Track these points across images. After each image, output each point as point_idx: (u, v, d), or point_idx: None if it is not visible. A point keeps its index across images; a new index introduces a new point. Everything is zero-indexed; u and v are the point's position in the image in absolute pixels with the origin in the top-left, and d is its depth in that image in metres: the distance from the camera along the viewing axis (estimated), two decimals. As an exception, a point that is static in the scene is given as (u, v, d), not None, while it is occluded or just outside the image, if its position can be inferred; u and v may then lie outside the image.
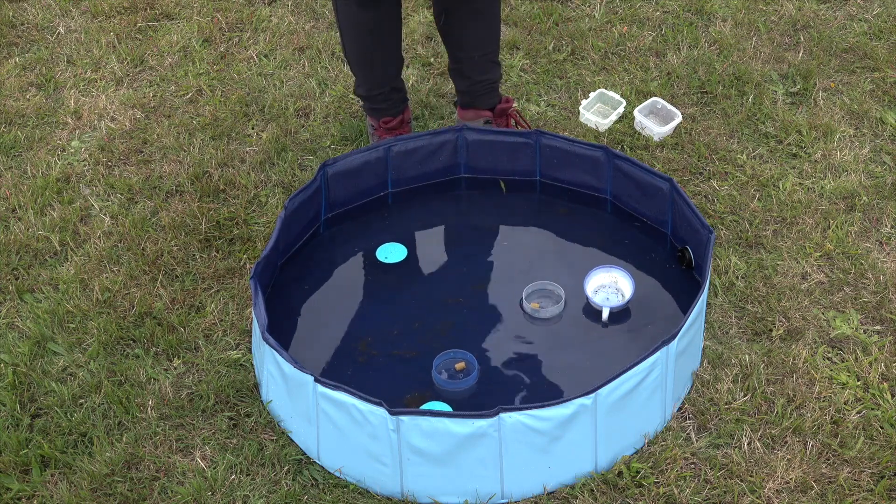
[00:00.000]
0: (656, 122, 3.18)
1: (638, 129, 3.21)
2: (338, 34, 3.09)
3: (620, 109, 3.29)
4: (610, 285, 2.75)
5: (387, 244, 2.96)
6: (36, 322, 2.81)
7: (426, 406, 2.55)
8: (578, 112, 3.32)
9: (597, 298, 2.74)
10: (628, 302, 2.72)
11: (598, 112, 3.23)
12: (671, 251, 2.91)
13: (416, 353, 2.71)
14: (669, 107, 3.27)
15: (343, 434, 2.42)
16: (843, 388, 2.60)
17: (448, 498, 2.40)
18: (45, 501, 2.45)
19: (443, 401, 2.57)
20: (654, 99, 3.30)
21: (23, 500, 2.46)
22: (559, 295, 2.73)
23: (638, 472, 2.44)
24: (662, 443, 2.49)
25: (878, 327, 2.75)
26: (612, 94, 3.33)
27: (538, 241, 2.98)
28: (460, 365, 2.59)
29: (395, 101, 3.16)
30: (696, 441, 2.50)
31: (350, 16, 2.97)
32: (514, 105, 3.26)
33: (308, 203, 2.94)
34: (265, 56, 3.71)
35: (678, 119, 3.22)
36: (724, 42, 3.66)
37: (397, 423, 2.33)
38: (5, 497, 2.45)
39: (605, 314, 2.72)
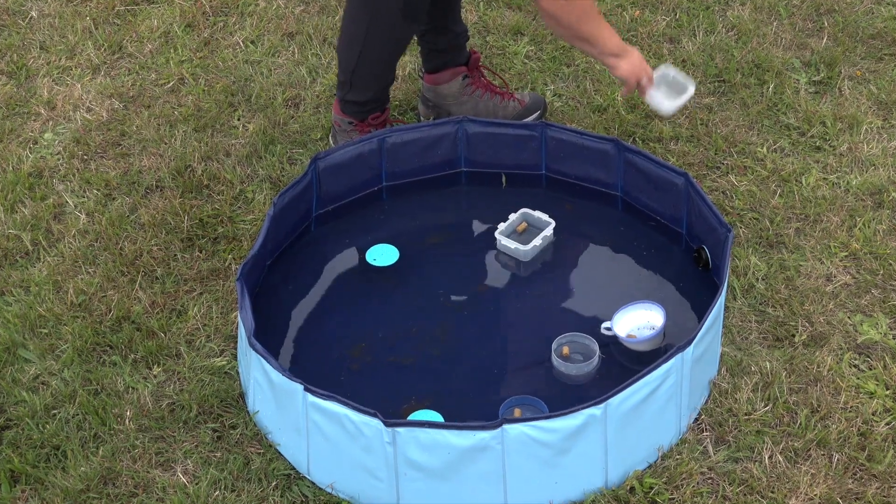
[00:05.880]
0: (667, 93, 3.06)
1: (648, 101, 3.07)
2: (355, 48, 3.00)
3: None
4: (641, 327, 2.70)
5: (376, 246, 2.95)
6: (6, 327, 2.80)
7: (416, 416, 2.54)
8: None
9: (626, 333, 2.69)
10: (661, 331, 2.68)
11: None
12: (686, 251, 2.90)
13: (414, 359, 2.70)
14: (681, 77, 3.08)
15: (335, 447, 2.41)
16: (870, 398, 2.59)
17: (447, 515, 2.40)
18: (16, 519, 2.45)
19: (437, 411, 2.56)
20: (664, 67, 3.09)
21: (-9, 517, 2.45)
22: (593, 350, 2.66)
23: (651, 488, 2.43)
24: (677, 456, 2.49)
25: (908, 332, 2.75)
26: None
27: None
28: (517, 412, 2.55)
29: (385, 99, 3.17)
30: (714, 454, 2.50)
31: (389, 30, 2.95)
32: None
33: (298, 199, 2.93)
34: (252, 42, 3.70)
35: (691, 90, 3.06)
36: (743, 27, 3.65)
37: (393, 434, 2.32)
38: (-27, 514, 2.45)
39: (607, 325, 2.69)
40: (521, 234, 2.93)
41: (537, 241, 2.91)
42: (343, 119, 3.17)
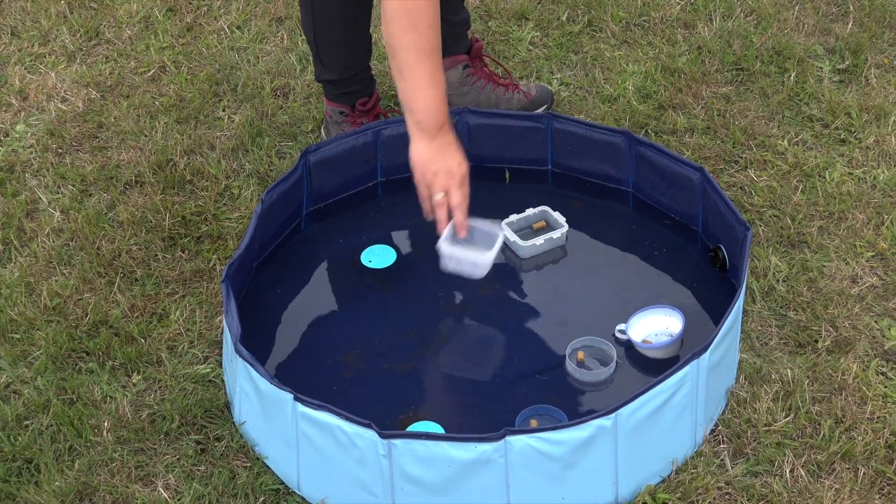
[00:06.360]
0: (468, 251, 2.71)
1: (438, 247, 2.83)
2: (308, 15, 3.02)
3: None
4: (659, 333, 2.70)
5: (371, 247, 2.95)
6: (-25, 332, 2.81)
7: (414, 427, 2.54)
8: None
9: (641, 339, 2.69)
10: (679, 338, 2.68)
11: None
12: (702, 251, 2.90)
13: (411, 366, 2.70)
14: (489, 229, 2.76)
15: (327, 460, 2.41)
16: (899, 408, 2.60)
17: (447, 533, 2.40)
18: (-14, 537, 2.45)
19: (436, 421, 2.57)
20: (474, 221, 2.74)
21: (-40, 535, 2.46)
22: (611, 356, 2.66)
23: (664, 504, 2.44)
24: (692, 470, 2.49)
25: (939, 338, 2.75)
26: None
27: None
28: (534, 423, 2.55)
29: (368, 80, 3.16)
30: (732, 468, 2.50)
31: None
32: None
33: (287, 195, 2.93)
34: (238, 28, 3.70)
35: (488, 256, 2.71)
36: (763, 12, 3.65)
37: (389, 447, 2.32)
38: (-60, 532, 2.45)
39: (621, 328, 2.69)
40: (536, 232, 2.93)
41: (538, 241, 2.91)
42: (334, 109, 3.17)
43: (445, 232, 2.66)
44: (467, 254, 2.68)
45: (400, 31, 2.48)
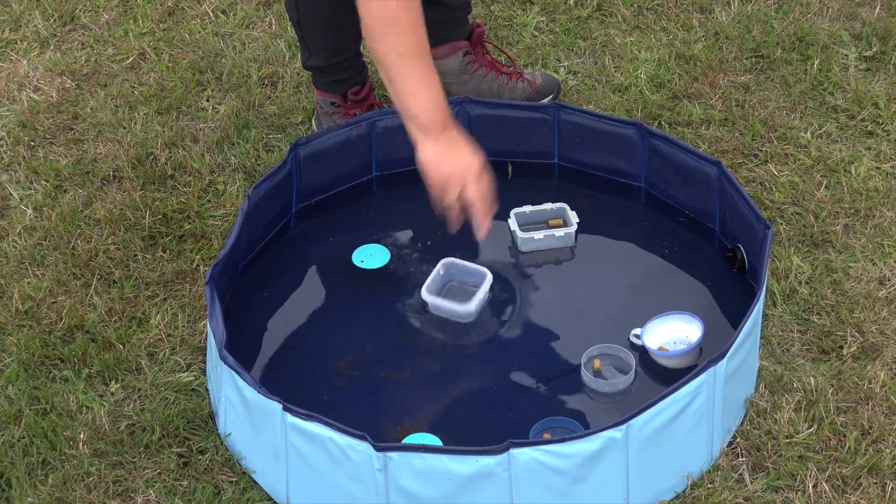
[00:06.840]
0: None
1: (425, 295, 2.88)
2: None
3: None
4: (677, 340, 2.70)
5: (364, 246, 2.95)
6: (-58, 337, 2.81)
7: (410, 439, 2.54)
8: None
9: (657, 346, 2.69)
10: (697, 347, 2.68)
11: None
12: (719, 251, 2.91)
13: (408, 374, 2.71)
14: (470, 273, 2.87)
15: (318, 474, 2.41)
16: (929, 418, 2.60)
17: (446, 553, 2.40)
18: (-47, 557, 2.45)
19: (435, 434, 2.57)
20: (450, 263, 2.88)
21: (-75, 555, 2.46)
22: (629, 364, 2.66)
23: (679, 521, 2.44)
24: (709, 485, 2.49)
25: (972, 343, 2.75)
26: None
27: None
28: (547, 437, 2.55)
29: (359, 67, 3.17)
30: (751, 483, 2.50)
31: None
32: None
33: (276, 192, 2.94)
34: (223, 12, 3.70)
35: (469, 311, 2.80)
36: (784, -5, 3.66)
37: (384, 460, 2.33)
38: None
39: (637, 332, 2.70)
40: (550, 228, 2.93)
41: (538, 235, 2.91)
42: (325, 100, 3.18)
43: (429, 279, 2.78)
44: (447, 304, 2.77)
45: (379, 37, 2.54)
